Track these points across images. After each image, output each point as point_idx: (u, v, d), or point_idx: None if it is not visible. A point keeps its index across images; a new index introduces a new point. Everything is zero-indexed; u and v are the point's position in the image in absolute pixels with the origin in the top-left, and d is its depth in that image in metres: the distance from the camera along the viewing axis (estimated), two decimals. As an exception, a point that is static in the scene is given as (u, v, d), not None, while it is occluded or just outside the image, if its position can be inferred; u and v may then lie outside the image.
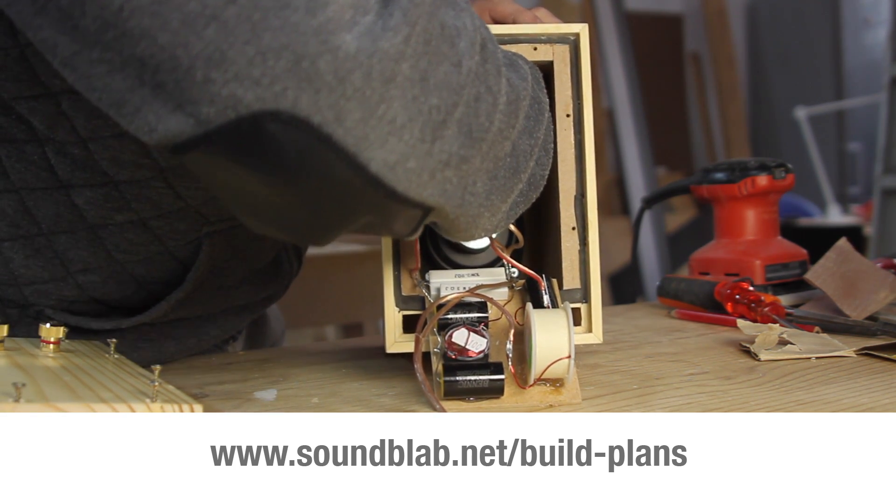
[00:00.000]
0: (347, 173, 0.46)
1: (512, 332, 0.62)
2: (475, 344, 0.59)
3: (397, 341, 0.65)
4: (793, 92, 5.03)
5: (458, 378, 0.57)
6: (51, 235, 0.65)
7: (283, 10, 0.42)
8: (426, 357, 0.61)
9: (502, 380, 0.58)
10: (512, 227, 0.66)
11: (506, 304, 0.65)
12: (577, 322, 0.66)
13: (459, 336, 0.59)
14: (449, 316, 0.61)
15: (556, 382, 0.60)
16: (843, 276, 0.87)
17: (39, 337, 0.61)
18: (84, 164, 0.62)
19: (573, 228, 0.66)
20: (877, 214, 2.93)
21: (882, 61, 3.47)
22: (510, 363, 0.61)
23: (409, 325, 0.65)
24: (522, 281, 0.65)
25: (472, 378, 0.57)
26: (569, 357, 0.57)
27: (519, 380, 0.60)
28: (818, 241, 1.14)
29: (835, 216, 3.86)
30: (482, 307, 0.62)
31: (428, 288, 0.64)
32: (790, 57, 5.23)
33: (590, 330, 0.66)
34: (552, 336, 0.58)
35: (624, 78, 3.19)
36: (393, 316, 0.65)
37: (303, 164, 0.46)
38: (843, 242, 0.90)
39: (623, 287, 3.44)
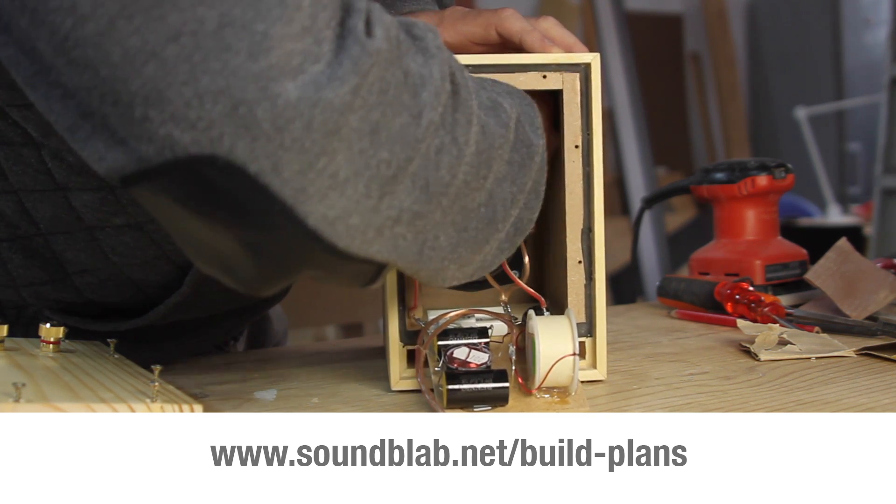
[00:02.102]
0: (286, 226, 0.45)
1: (514, 338, 0.61)
2: (476, 358, 0.58)
3: (403, 378, 0.64)
4: (793, 92, 5.02)
5: (461, 386, 0.56)
6: (49, 236, 0.65)
7: (225, 53, 0.41)
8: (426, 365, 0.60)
9: (507, 387, 0.56)
10: (525, 257, 0.65)
11: (505, 336, 0.64)
12: (580, 356, 0.64)
13: (460, 352, 0.58)
14: (449, 342, 0.59)
15: (563, 393, 0.59)
16: (843, 276, 0.87)
17: (39, 337, 0.61)
18: (80, 168, 0.61)
19: (579, 262, 0.64)
20: (877, 214, 2.93)
21: (882, 61, 3.47)
22: (513, 367, 0.60)
23: (414, 361, 0.64)
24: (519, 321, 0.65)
25: (476, 386, 0.56)
26: (573, 355, 0.57)
27: (525, 386, 0.59)
28: (818, 241, 1.14)
29: (835, 216, 3.86)
30: (482, 332, 0.60)
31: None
32: (790, 57, 5.23)
33: (594, 366, 0.65)
34: (555, 337, 0.57)
35: (624, 78, 3.19)
36: (398, 351, 0.63)
37: (240, 213, 0.44)
38: (843, 242, 0.90)
39: (623, 287, 3.43)
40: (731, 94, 5.14)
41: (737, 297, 0.88)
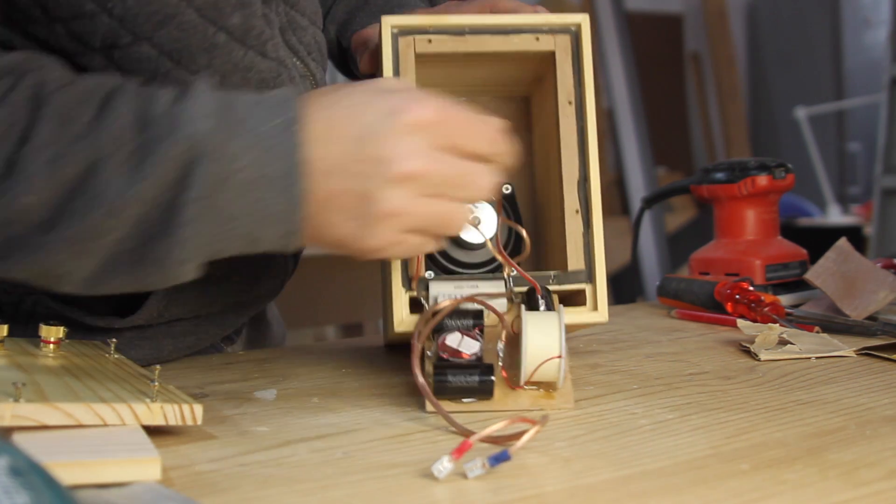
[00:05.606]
0: None
1: (503, 334, 0.61)
2: (468, 346, 0.59)
3: (405, 320, 0.64)
4: (793, 92, 5.02)
5: (447, 378, 0.57)
6: None
7: None
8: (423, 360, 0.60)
9: (492, 380, 0.57)
10: (523, 234, 0.66)
11: (503, 313, 0.64)
12: (582, 302, 0.66)
13: (452, 339, 0.59)
14: (445, 322, 0.60)
15: (549, 387, 0.60)
16: (843, 276, 0.87)
17: (39, 337, 0.61)
18: None
19: (577, 212, 0.66)
20: (877, 214, 2.93)
21: (882, 61, 3.46)
22: (500, 363, 0.60)
23: (416, 307, 0.64)
24: (521, 293, 0.65)
25: (462, 378, 0.57)
26: (559, 357, 0.57)
27: (510, 382, 0.60)
28: (818, 241, 1.14)
29: (835, 216, 3.86)
30: (478, 315, 0.61)
31: (426, 297, 0.64)
32: (790, 57, 5.23)
33: (595, 309, 0.66)
34: (543, 336, 0.58)
35: (624, 78, 3.19)
36: (400, 296, 0.64)
37: None
38: (843, 242, 0.90)
39: (623, 287, 3.44)
40: (731, 94, 5.14)
41: (737, 297, 0.88)
